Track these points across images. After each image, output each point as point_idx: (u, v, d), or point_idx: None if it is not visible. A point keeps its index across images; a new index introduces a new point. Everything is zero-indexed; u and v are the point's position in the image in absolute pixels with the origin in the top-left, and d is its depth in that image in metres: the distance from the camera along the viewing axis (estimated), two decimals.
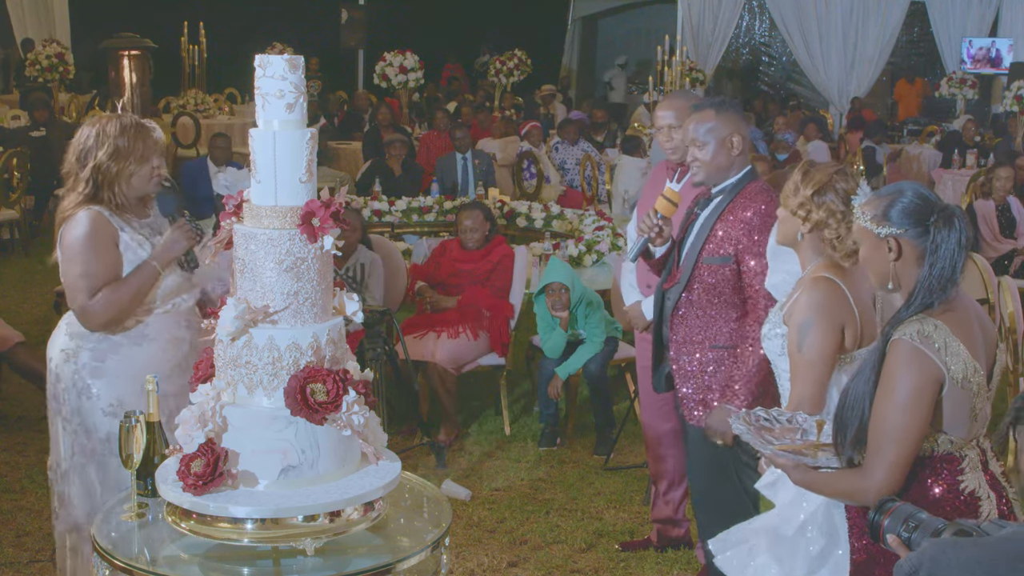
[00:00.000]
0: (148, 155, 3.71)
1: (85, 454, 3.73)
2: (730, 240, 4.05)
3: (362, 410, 2.94)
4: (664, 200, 4.14)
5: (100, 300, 3.63)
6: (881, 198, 2.79)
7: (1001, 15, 17.80)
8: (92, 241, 3.64)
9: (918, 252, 2.73)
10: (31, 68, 15.02)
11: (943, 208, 2.73)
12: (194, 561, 2.92)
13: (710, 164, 4.09)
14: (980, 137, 13.95)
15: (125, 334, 3.72)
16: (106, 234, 3.66)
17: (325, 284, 3.00)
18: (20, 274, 10.05)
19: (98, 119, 3.77)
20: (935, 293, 2.68)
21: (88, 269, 3.63)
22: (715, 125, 4.08)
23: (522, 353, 7.04)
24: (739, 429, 2.90)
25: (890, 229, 2.75)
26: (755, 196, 4.09)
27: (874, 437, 2.68)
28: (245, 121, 14.46)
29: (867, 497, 2.70)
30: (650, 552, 5.01)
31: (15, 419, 6.49)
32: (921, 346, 2.64)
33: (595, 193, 11.32)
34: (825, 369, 3.32)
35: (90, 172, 3.67)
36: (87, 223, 3.65)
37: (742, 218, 4.05)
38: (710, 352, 4.14)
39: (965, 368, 2.67)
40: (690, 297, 4.15)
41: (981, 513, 2.70)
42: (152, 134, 3.75)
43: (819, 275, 3.34)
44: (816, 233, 3.36)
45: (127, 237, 3.69)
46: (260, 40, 13.87)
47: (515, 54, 17.21)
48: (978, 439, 2.79)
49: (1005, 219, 9.35)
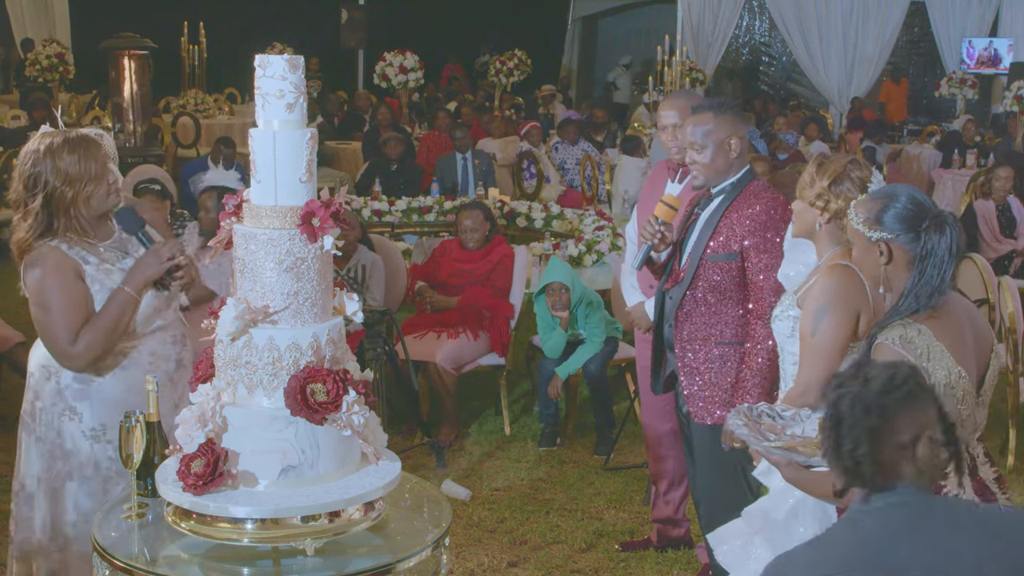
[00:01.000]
0: (102, 171, 3.42)
1: (60, 478, 3.49)
2: (735, 237, 4.07)
3: (362, 410, 2.94)
4: (664, 206, 4.16)
5: (81, 344, 3.38)
6: (875, 201, 2.80)
7: (1001, 15, 17.80)
8: (54, 280, 3.38)
9: (908, 257, 2.74)
10: (31, 68, 15.02)
11: (936, 215, 2.73)
12: (194, 561, 2.92)
13: (709, 167, 4.11)
14: (980, 137, 13.95)
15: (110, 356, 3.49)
16: (67, 269, 3.39)
17: (325, 284, 3.00)
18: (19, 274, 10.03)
19: (41, 138, 3.44)
20: (922, 300, 2.69)
21: (58, 310, 3.38)
22: (713, 128, 4.09)
23: (522, 353, 7.04)
24: (735, 424, 2.90)
25: (881, 233, 2.76)
26: (759, 193, 4.12)
27: None
28: (245, 121, 14.46)
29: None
30: (650, 552, 5.01)
31: (15, 419, 6.46)
32: (902, 351, 2.65)
33: (595, 193, 11.32)
34: (836, 356, 3.33)
35: (41, 201, 3.38)
36: (45, 263, 3.39)
37: (747, 214, 4.07)
38: (716, 349, 4.16)
39: (948, 374, 2.67)
40: (695, 295, 4.16)
41: None
42: (102, 147, 3.45)
43: (837, 262, 3.37)
44: (834, 223, 3.41)
45: (91, 270, 3.43)
46: (260, 40, 13.88)
47: (515, 54, 17.22)
48: (967, 444, 2.78)
49: (1005, 219, 9.35)
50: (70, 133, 3.45)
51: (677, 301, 4.20)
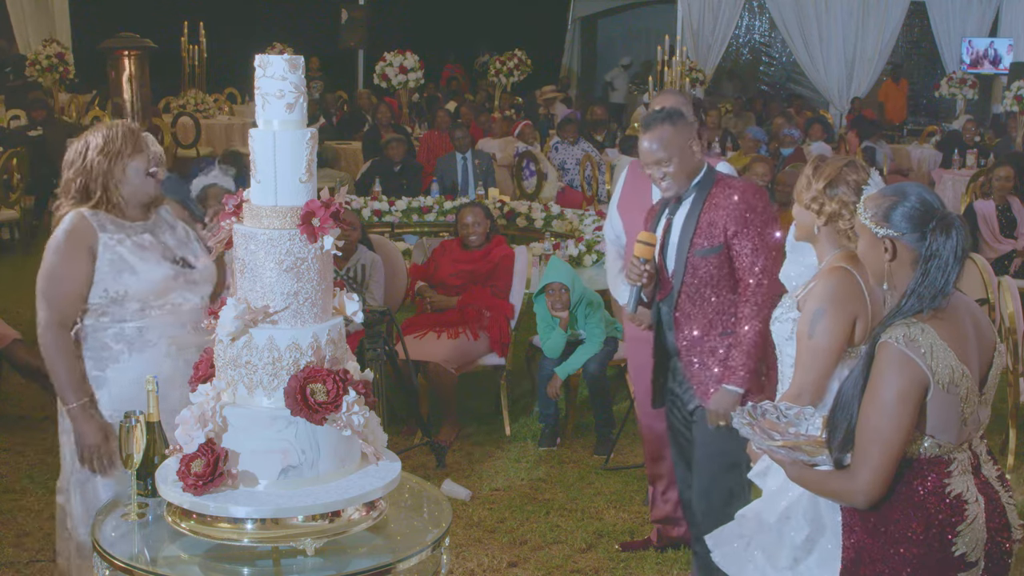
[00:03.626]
0: (140, 148, 3.63)
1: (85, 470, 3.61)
2: (717, 228, 4.14)
3: (362, 410, 2.94)
4: (642, 245, 4.20)
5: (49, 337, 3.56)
6: (884, 197, 2.80)
7: (1001, 15, 17.79)
8: (66, 245, 3.56)
9: (913, 256, 2.74)
10: (31, 68, 15.02)
11: (944, 216, 2.72)
12: (194, 561, 2.92)
13: (679, 175, 4.16)
14: (980, 137, 13.95)
15: (125, 341, 3.61)
16: (82, 240, 3.57)
17: (325, 284, 2.99)
18: (20, 274, 10.03)
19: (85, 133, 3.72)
20: (924, 300, 2.69)
21: (54, 274, 3.57)
22: (672, 136, 4.12)
23: (522, 353, 7.04)
24: (739, 424, 2.90)
25: (887, 230, 2.75)
26: (732, 184, 4.21)
27: (860, 439, 2.70)
28: (245, 121, 14.47)
29: (854, 498, 2.74)
30: (650, 552, 5.01)
31: (15, 419, 6.49)
32: (906, 349, 2.65)
33: (595, 193, 11.32)
34: (831, 359, 3.34)
35: (80, 171, 3.61)
36: (67, 225, 3.58)
37: (726, 204, 4.14)
38: (719, 339, 4.20)
39: (952, 372, 2.67)
40: (690, 294, 4.20)
41: (967, 516, 2.72)
42: (141, 134, 3.68)
43: (836, 265, 3.37)
44: (831, 226, 3.43)
45: (106, 237, 3.59)
46: (260, 40, 13.89)
47: (515, 54, 17.21)
48: (970, 442, 2.79)
49: (1005, 219, 9.35)
50: (116, 120, 3.74)
51: (672, 306, 4.24)
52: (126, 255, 3.59)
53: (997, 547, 2.76)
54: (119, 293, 3.59)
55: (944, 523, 2.71)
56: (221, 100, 16.38)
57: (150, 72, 10.20)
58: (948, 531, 2.71)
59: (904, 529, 2.72)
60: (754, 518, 3.49)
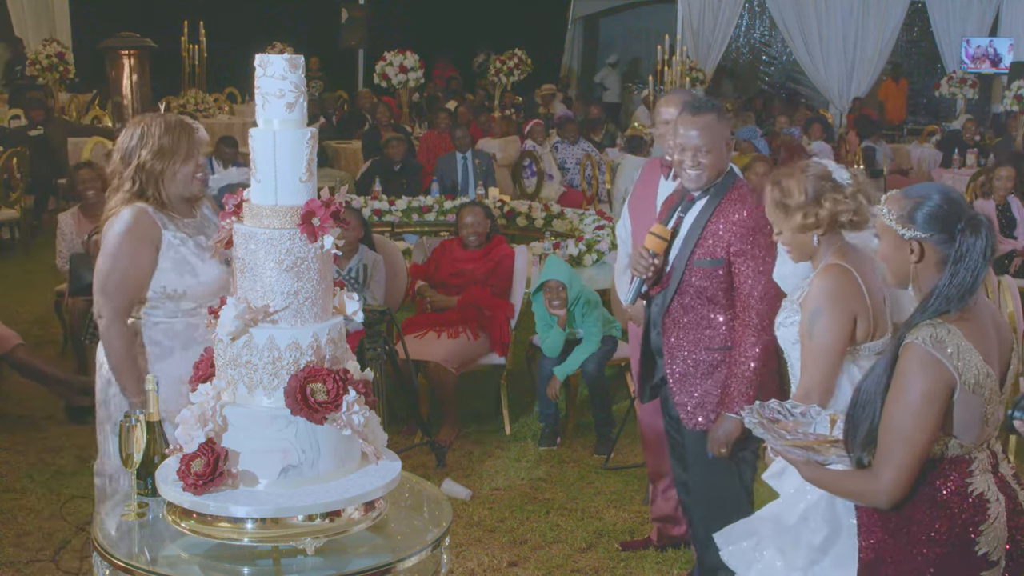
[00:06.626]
0: (192, 154, 3.71)
1: None
2: (721, 243, 4.03)
3: (362, 410, 2.94)
4: (654, 237, 4.11)
5: (113, 332, 3.62)
6: (908, 199, 2.76)
7: (1001, 15, 17.79)
8: (130, 237, 3.64)
9: (940, 257, 2.71)
10: (31, 67, 15.01)
11: (971, 216, 2.69)
12: (194, 561, 2.92)
13: (713, 168, 4.03)
14: (980, 137, 13.95)
15: (176, 337, 3.70)
16: (146, 232, 3.65)
17: (325, 284, 2.99)
18: (20, 274, 10.05)
19: (142, 118, 3.78)
20: (952, 301, 2.66)
21: (116, 266, 3.63)
22: (717, 129, 4.02)
23: (522, 353, 7.04)
24: (751, 423, 2.88)
25: (914, 232, 2.72)
26: (744, 198, 4.06)
27: (884, 439, 2.67)
28: (245, 121, 14.45)
29: (876, 498, 2.71)
30: (650, 552, 5.01)
31: (15, 419, 6.49)
32: (934, 351, 2.63)
33: (595, 193, 11.33)
34: (835, 358, 3.32)
35: (134, 171, 3.67)
36: (129, 219, 3.65)
37: (734, 220, 4.02)
38: (704, 354, 4.12)
39: (978, 373, 2.65)
40: (682, 301, 4.12)
41: (989, 515, 2.71)
42: (195, 133, 3.75)
43: (832, 263, 3.35)
44: (832, 229, 3.38)
45: (170, 235, 3.69)
46: (260, 40, 13.88)
47: (515, 53, 17.21)
48: (989, 442, 2.78)
49: (1005, 219, 9.35)
50: (169, 116, 3.78)
51: (663, 307, 4.16)
52: (188, 256, 3.69)
53: (1016, 545, 2.75)
54: (177, 292, 3.69)
55: (967, 522, 2.70)
56: (221, 100, 16.38)
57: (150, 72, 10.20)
58: (971, 530, 2.69)
59: (927, 529, 2.71)
60: (772, 520, 3.46)
